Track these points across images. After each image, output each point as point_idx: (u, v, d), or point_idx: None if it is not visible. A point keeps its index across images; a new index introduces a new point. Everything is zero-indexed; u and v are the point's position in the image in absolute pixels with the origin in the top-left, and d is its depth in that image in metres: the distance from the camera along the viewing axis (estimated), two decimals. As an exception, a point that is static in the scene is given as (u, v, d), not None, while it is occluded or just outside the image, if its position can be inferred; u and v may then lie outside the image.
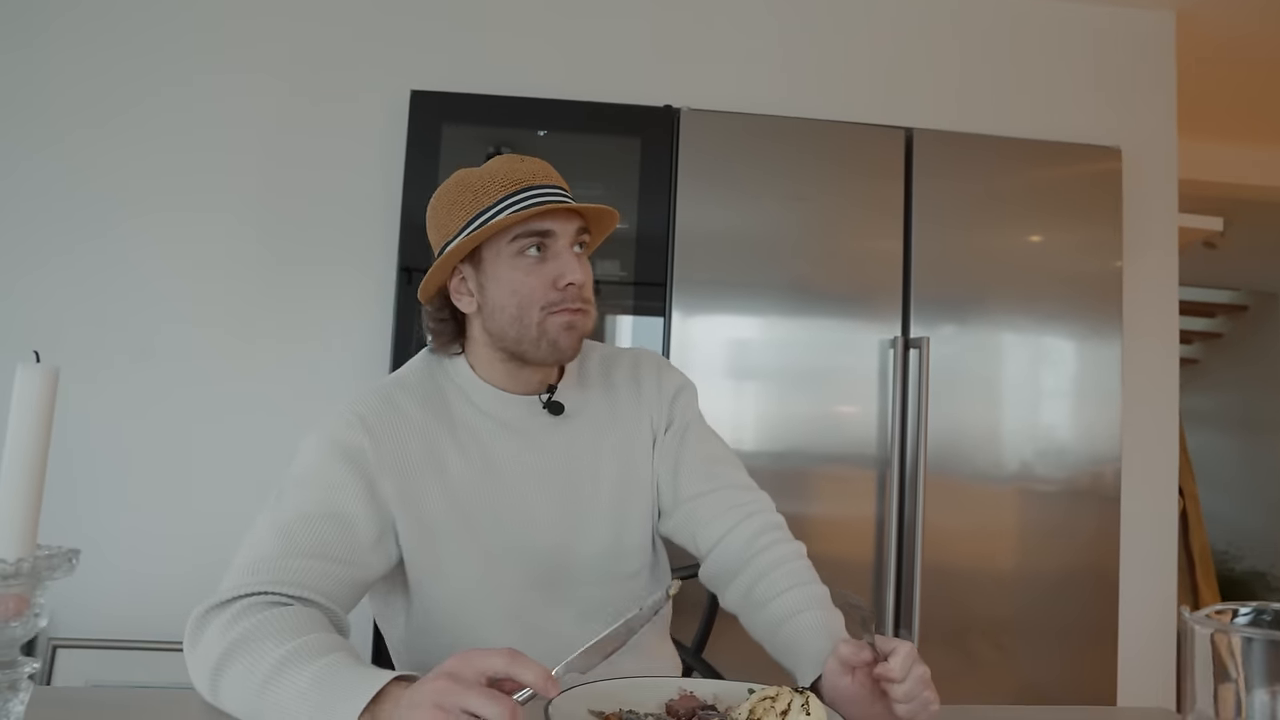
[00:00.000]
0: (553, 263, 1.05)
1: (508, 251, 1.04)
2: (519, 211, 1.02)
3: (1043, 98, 2.53)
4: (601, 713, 0.83)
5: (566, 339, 1.05)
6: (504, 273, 1.05)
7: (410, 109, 2.14)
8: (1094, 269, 2.24)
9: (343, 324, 2.27)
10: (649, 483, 1.17)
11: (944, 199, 2.21)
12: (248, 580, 0.90)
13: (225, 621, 0.86)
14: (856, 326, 2.17)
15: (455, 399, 1.11)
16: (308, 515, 0.96)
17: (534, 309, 1.04)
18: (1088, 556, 2.18)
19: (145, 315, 2.23)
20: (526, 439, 1.11)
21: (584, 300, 1.06)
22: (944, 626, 2.11)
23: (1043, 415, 2.21)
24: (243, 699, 0.82)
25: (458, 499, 1.05)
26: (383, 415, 1.05)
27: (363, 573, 0.99)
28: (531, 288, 1.04)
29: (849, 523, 2.12)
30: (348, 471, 1.00)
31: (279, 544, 0.93)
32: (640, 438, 1.17)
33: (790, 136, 2.18)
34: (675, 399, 1.21)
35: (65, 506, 2.11)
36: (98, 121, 2.25)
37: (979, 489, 2.17)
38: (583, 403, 1.16)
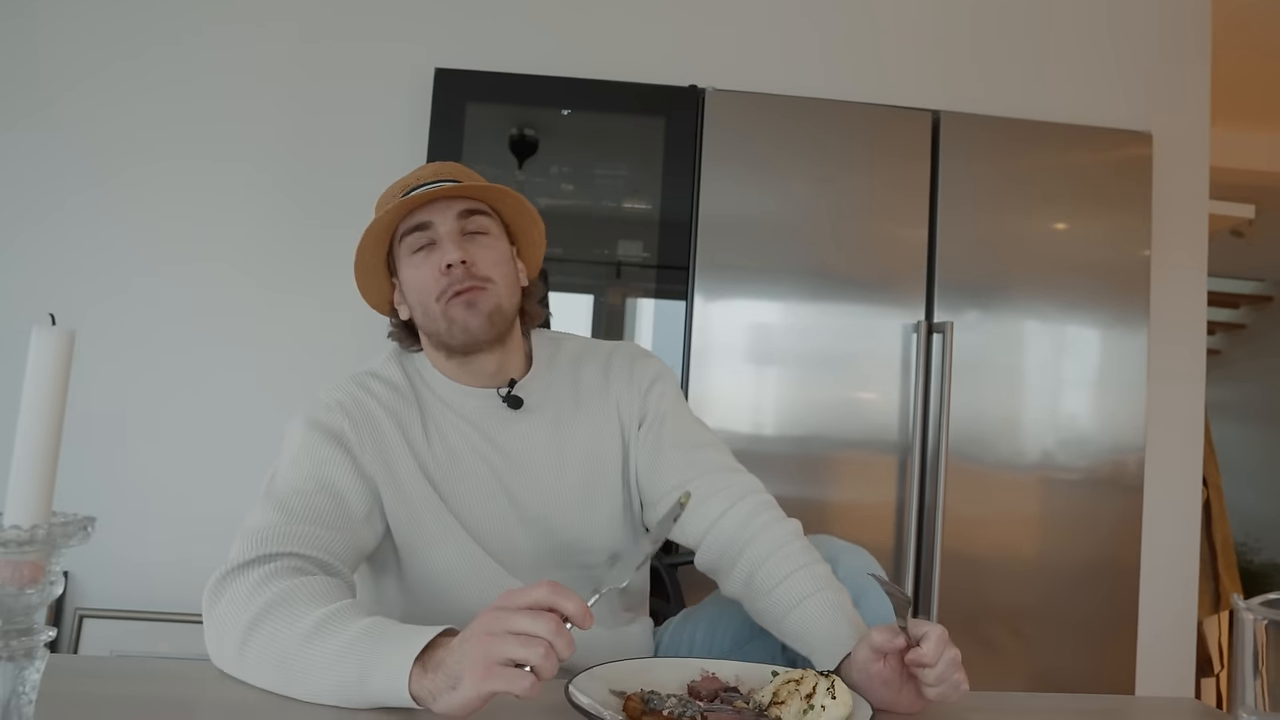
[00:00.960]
0: (437, 251, 1.07)
1: (404, 254, 1.09)
2: (391, 210, 1.05)
3: (1073, 80, 2.46)
4: (623, 693, 0.81)
5: (471, 319, 1.05)
6: (406, 274, 1.09)
7: (434, 87, 2.12)
8: (1121, 257, 2.19)
9: (361, 301, 2.24)
10: (617, 476, 1.15)
11: (971, 183, 2.16)
12: (259, 545, 0.90)
13: (253, 584, 0.85)
14: (880, 311, 2.13)
15: (422, 390, 1.13)
16: (302, 490, 0.98)
17: (430, 300, 1.06)
18: (1109, 546, 2.14)
19: (167, 287, 2.22)
20: (484, 432, 1.11)
21: (476, 278, 1.06)
22: (963, 613, 2.08)
23: (1066, 404, 2.17)
24: (276, 657, 0.80)
25: (429, 480, 1.07)
26: (358, 399, 1.07)
27: (359, 541, 1.01)
28: (423, 280, 1.07)
29: (869, 508, 2.09)
30: (333, 448, 1.02)
31: (279, 515, 0.94)
32: (607, 430, 1.16)
33: (816, 118, 2.14)
34: (649, 390, 1.18)
35: (91, 475, 2.12)
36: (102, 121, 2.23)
37: (1000, 476, 2.13)
38: (545, 396, 1.15)
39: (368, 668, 0.76)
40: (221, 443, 2.19)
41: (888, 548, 2.08)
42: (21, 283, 2.19)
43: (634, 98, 2.15)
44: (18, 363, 0.68)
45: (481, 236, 1.09)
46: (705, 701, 0.81)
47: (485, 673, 0.69)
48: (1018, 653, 2.11)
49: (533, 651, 0.69)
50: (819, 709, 0.75)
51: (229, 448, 2.18)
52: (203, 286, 2.23)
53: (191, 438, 2.19)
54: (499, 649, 0.70)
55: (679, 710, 0.74)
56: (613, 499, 1.15)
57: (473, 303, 1.05)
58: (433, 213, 1.07)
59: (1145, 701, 1.68)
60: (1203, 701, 2.49)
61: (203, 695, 0.84)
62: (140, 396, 2.19)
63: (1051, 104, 2.39)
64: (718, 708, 0.79)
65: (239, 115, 2.26)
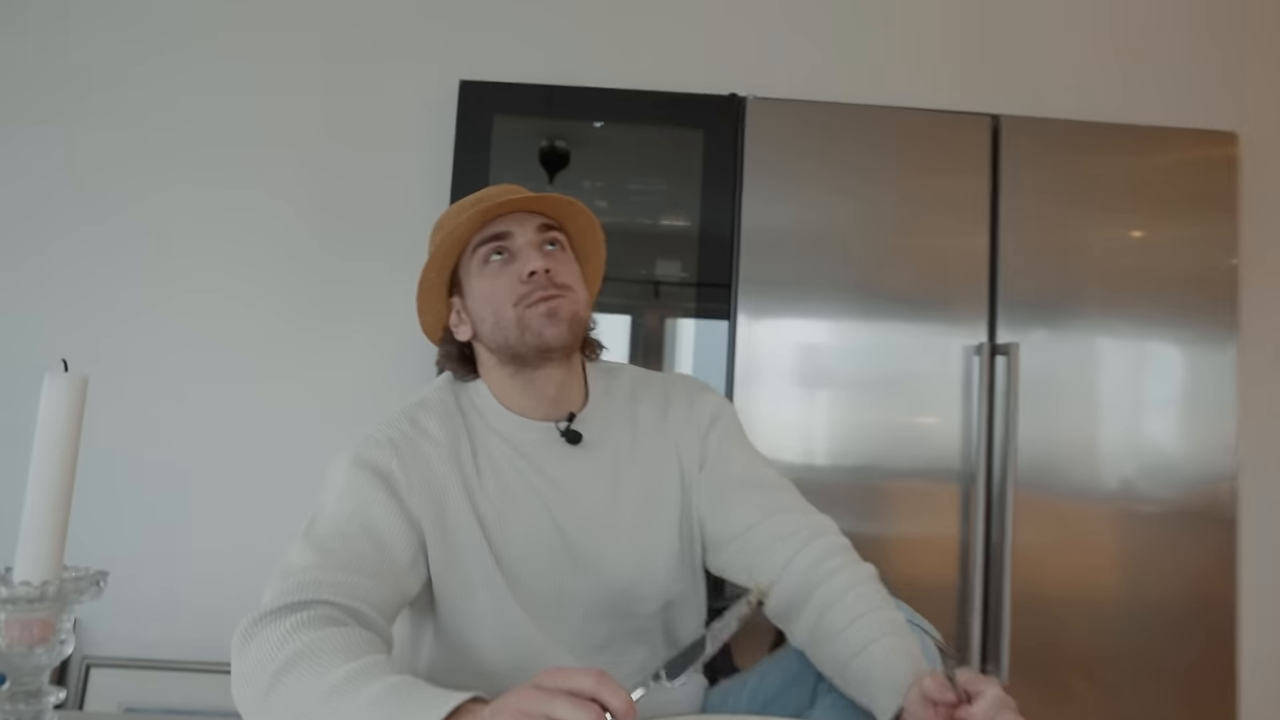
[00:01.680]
0: (518, 261, 1.09)
1: (475, 266, 1.11)
2: (467, 219, 1.07)
3: (1147, 79, 2.41)
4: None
5: (550, 327, 1.07)
6: (476, 285, 1.11)
7: (459, 100, 2.13)
8: (1205, 267, 2.13)
9: (386, 326, 2.25)
10: (674, 519, 1.15)
11: (1035, 192, 2.12)
12: (294, 590, 0.90)
13: (283, 632, 0.85)
14: (939, 331, 2.09)
15: (475, 421, 1.14)
16: (343, 532, 0.98)
17: (507, 307, 1.08)
18: (1200, 584, 2.07)
19: (179, 317, 2.25)
20: (541, 468, 1.12)
21: (558, 286, 1.08)
22: (1036, 659, 2.03)
23: (1146, 428, 2.11)
24: (299, 710, 0.80)
25: (479, 519, 1.07)
26: (408, 435, 1.09)
27: (400, 588, 1.01)
28: (499, 288, 1.09)
29: (930, 543, 2.05)
30: (378, 488, 1.03)
31: (318, 558, 0.95)
32: (665, 471, 1.16)
33: (865, 126, 2.11)
34: (709, 430, 1.19)
35: (98, 520, 2.14)
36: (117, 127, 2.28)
37: (1074, 507, 2.07)
38: (604, 433, 1.16)
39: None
40: (239, 483, 2.21)
41: (951, 586, 2.03)
42: (28, 316, 2.24)
43: (670, 108, 2.15)
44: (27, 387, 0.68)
45: (559, 251, 1.13)
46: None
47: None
48: (1099, 704, 2.04)
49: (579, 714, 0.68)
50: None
51: (246, 488, 2.20)
52: (218, 319, 2.26)
53: (208, 477, 2.22)
54: (543, 704, 0.69)
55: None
56: (669, 542, 1.14)
57: (554, 311, 1.07)
58: (511, 223, 1.10)
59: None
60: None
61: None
62: (153, 435, 2.22)
63: (1123, 104, 2.35)
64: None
65: (256, 138, 2.29)
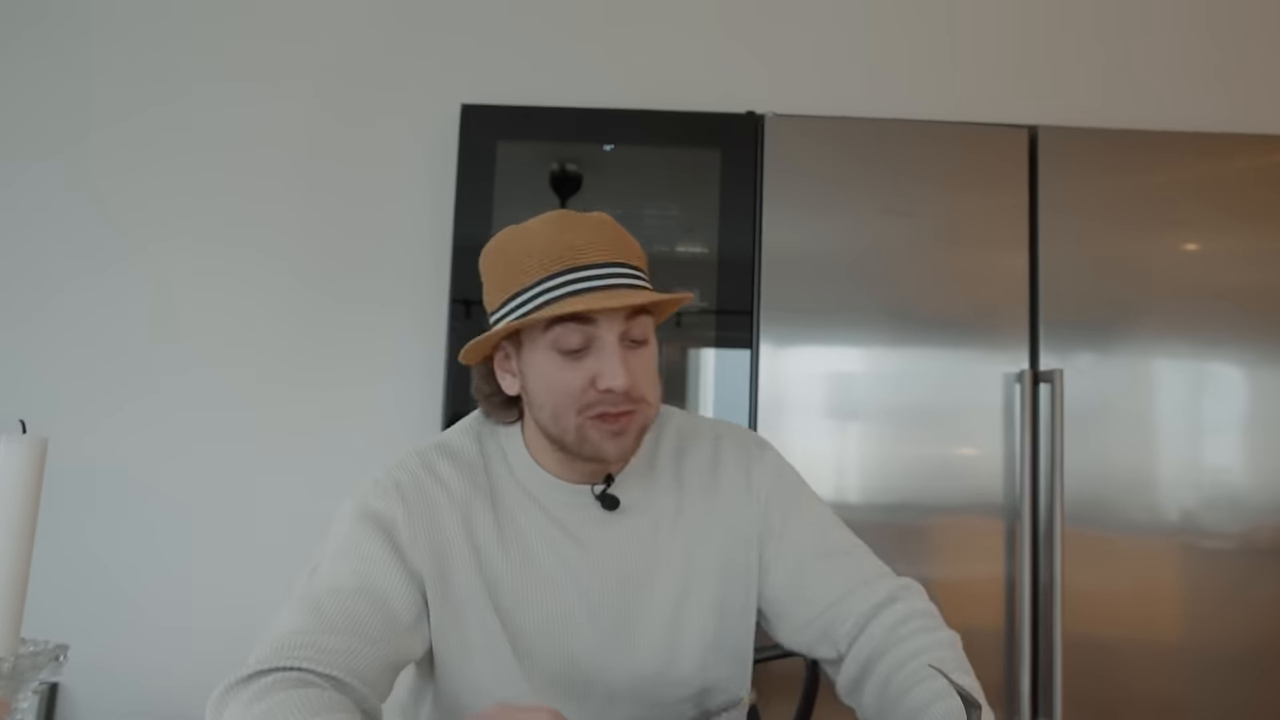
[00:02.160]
0: (594, 358, 0.97)
1: (543, 341, 0.98)
2: (556, 300, 0.95)
3: (1195, 79, 2.36)
4: None
5: (612, 446, 0.99)
6: (539, 365, 0.99)
7: (461, 125, 2.12)
8: (1266, 280, 2.07)
9: (389, 364, 2.25)
10: (716, 599, 1.08)
11: (1077, 206, 2.07)
12: (275, 655, 0.87)
13: (247, 699, 0.83)
14: (977, 357, 2.04)
15: (501, 475, 1.08)
16: (340, 590, 0.95)
17: (569, 411, 0.98)
18: (1272, 626, 2.00)
19: (161, 360, 2.24)
20: (572, 535, 1.05)
21: (632, 401, 0.98)
22: (1093, 709, 1.96)
23: (1207, 455, 2.05)
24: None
25: (490, 586, 1.03)
26: (420, 483, 1.04)
27: (398, 653, 0.97)
28: (566, 387, 0.97)
29: (973, 585, 2.00)
30: (381, 544, 0.99)
31: (310, 620, 0.92)
32: (712, 544, 1.09)
33: (892, 141, 2.08)
34: (770, 501, 1.11)
35: (80, 578, 2.14)
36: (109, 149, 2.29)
37: (1130, 543, 2.01)
38: (645, 495, 1.09)
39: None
40: (224, 542, 2.19)
41: (998, 631, 1.98)
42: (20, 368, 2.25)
43: (684, 128, 2.13)
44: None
45: (642, 347, 1.01)
46: None
47: None
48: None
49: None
50: None
51: (232, 547, 2.19)
52: (202, 369, 2.24)
53: (193, 536, 2.19)
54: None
55: None
56: (708, 622, 1.07)
57: (621, 430, 0.98)
58: (597, 310, 0.96)
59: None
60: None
61: None
62: (133, 493, 2.20)
63: (1171, 110, 2.31)
64: None
65: (247, 173, 2.29)
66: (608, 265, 0.97)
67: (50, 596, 2.10)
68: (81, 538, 2.18)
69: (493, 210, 2.10)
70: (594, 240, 0.98)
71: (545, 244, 0.97)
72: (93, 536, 2.18)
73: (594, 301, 0.93)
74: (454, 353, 2.10)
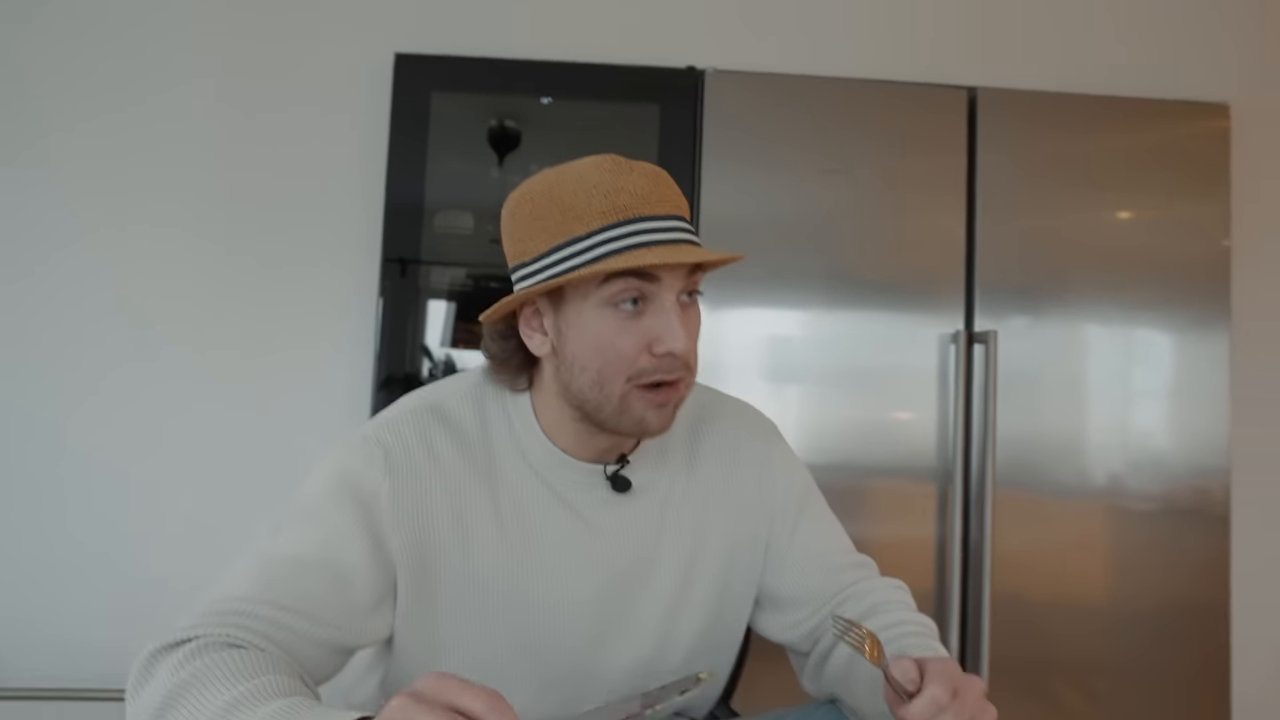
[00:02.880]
0: (651, 319, 0.88)
1: (596, 297, 0.88)
2: (620, 253, 0.85)
3: (1133, 45, 2.33)
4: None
5: (655, 419, 0.90)
6: (588, 323, 0.89)
7: (395, 75, 2.04)
8: (1196, 249, 2.08)
9: (321, 325, 2.15)
10: (715, 587, 1.03)
11: (1014, 170, 2.06)
12: (210, 621, 0.79)
13: (175, 662, 0.75)
14: (913, 320, 2.03)
15: (505, 448, 0.97)
16: (300, 560, 0.86)
17: (619, 378, 0.88)
18: (1192, 586, 2.03)
19: (90, 337, 2.13)
20: (579, 515, 0.97)
21: (685, 369, 0.90)
22: (1019, 667, 1.98)
23: (1134, 420, 2.07)
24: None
25: (477, 574, 0.93)
26: (411, 455, 0.92)
27: (351, 638, 0.88)
28: (620, 350, 0.88)
29: (905, 545, 2.00)
30: (354, 518, 0.89)
31: (258, 588, 0.83)
32: (718, 537, 1.03)
33: (832, 101, 2.04)
34: (784, 501, 1.06)
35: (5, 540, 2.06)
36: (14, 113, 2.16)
37: (1058, 505, 2.03)
38: (655, 474, 1.01)
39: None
40: (152, 495, 2.10)
41: (928, 590, 1.99)
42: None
43: (623, 82, 2.07)
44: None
45: (691, 309, 0.92)
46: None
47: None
48: (1085, 713, 2.00)
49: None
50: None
51: (160, 500, 2.10)
52: (137, 332, 2.14)
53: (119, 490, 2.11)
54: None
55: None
56: (705, 609, 1.02)
57: (666, 402, 0.90)
58: (664, 266, 0.87)
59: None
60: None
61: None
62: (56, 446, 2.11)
63: (1108, 75, 2.28)
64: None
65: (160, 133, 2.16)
66: (671, 218, 0.88)
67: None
68: (12, 505, 2.09)
69: (426, 165, 2.02)
70: (658, 190, 0.89)
71: (606, 189, 0.87)
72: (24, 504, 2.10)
73: (668, 255, 0.84)
74: (387, 312, 2.01)
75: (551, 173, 0.91)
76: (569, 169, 0.90)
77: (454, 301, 2.05)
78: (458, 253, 2.05)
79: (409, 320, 2.02)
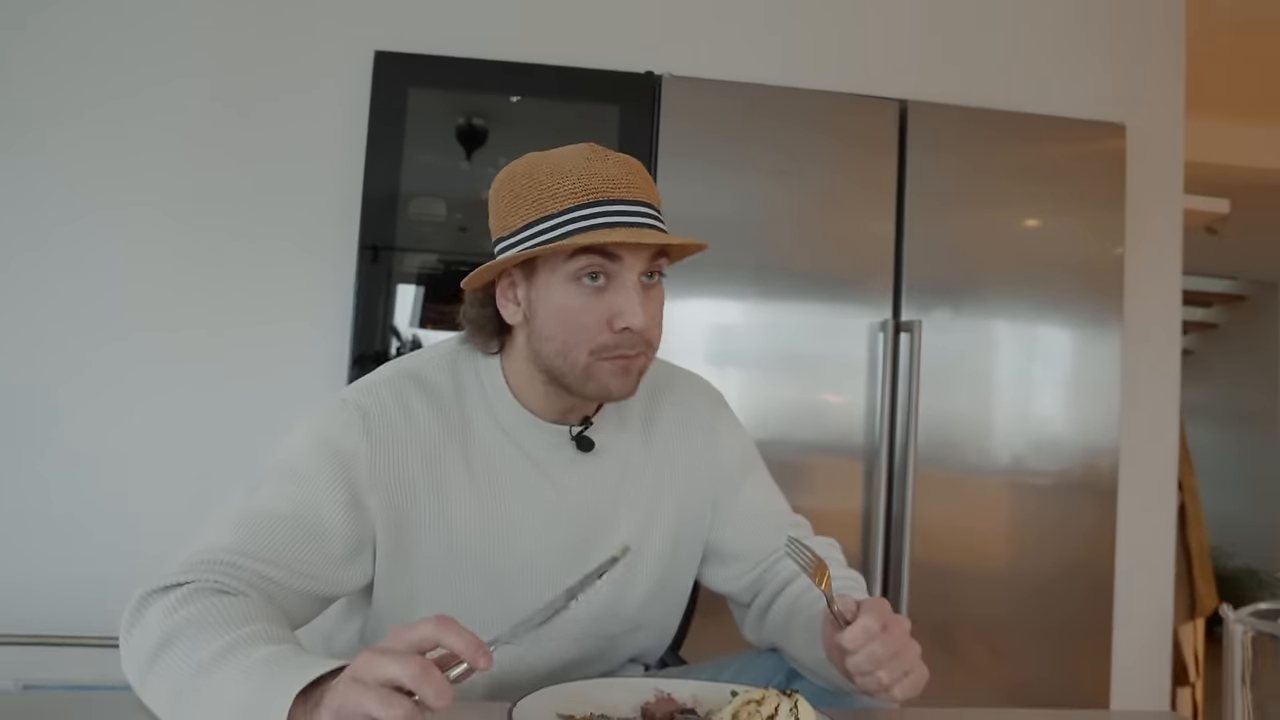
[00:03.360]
0: (613, 295, 0.92)
1: (563, 271, 0.92)
2: (586, 231, 0.89)
3: (1045, 70, 2.47)
4: (571, 716, 0.80)
5: (619, 385, 0.95)
6: (555, 296, 0.93)
7: (374, 71, 2.08)
8: (1095, 255, 2.22)
9: (300, 307, 2.19)
10: (667, 543, 1.08)
11: (939, 177, 2.18)
12: (199, 568, 0.83)
13: (169, 606, 0.79)
14: (846, 310, 2.14)
15: (477, 410, 1.01)
16: (279, 515, 0.89)
17: (582, 349, 0.93)
18: (1083, 552, 2.17)
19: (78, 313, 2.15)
20: (545, 473, 1.02)
21: (645, 344, 0.95)
22: (933, 625, 2.09)
23: (1037, 406, 2.20)
24: (173, 686, 0.75)
25: (451, 528, 0.98)
26: (389, 417, 0.96)
27: (327, 588, 0.92)
28: (582, 324, 0.93)
29: (835, 516, 2.10)
30: (333, 476, 0.92)
31: (239, 538, 0.87)
32: (671, 490, 1.09)
33: (778, 107, 2.14)
34: (731, 463, 1.13)
35: None
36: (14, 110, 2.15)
37: (970, 481, 2.15)
38: (616, 436, 1.06)
39: (251, 702, 0.69)
40: (145, 452, 2.13)
41: (854, 556, 2.09)
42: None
43: (586, 84, 2.14)
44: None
45: (655, 289, 0.96)
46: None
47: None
48: (989, 665, 2.13)
49: (391, 713, 0.63)
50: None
51: (152, 457, 2.13)
52: (129, 301, 2.16)
53: (111, 446, 2.13)
54: (356, 701, 0.64)
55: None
56: (658, 563, 1.07)
57: (628, 370, 0.95)
58: (626, 248, 0.92)
59: (1121, 716, 1.70)
60: (1179, 713, 2.54)
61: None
62: (52, 399, 2.12)
63: (1024, 94, 2.40)
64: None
65: (157, 118, 2.17)
66: (639, 204, 0.93)
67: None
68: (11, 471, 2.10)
69: (401, 156, 2.07)
70: (629, 177, 0.93)
71: (579, 173, 0.91)
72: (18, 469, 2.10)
73: (629, 235, 0.89)
74: (363, 297, 2.06)
75: (534, 156, 0.96)
76: (550, 154, 0.95)
77: (424, 285, 2.11)
78: (430, 239, 2.11)
79: (379, 302, 2.08)
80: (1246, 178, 3.50)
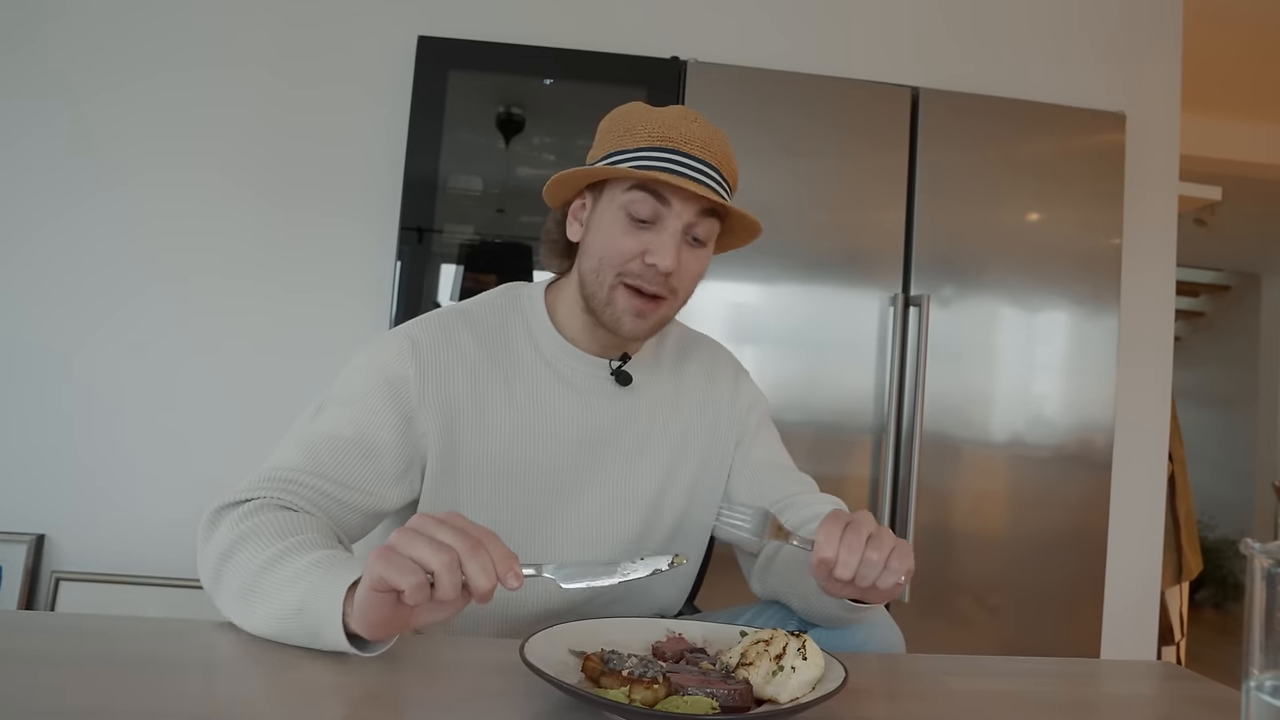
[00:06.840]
0: (653, 235, 0.93)
1: (620, 200, 0.93)
2: (645, 166, 0.91)
3: (1050, 58, 2.36)
4: (583, 652, 0.73)
5: (630, 322, 0.95)
6: (607, 220, 0.94)
7: (417, 55, 2.02)
8: (1093, 245, 2.14)
9: (339, 283, 2.13)
10: (689, 484, 1.06)
11: (948, 164, 2.09)
12: (264, 485, 0.84)
13: (237, 518, 0.80)
14: (857, 291, 2.06)
15: (520, 341, 1.00)
16: (338, 437, 0.89)
17: (610, 270, 0.94)
18: (1077, 519, 2.10)
19: (138, 269, 2.10)
20: (583, 400, 1.00)
21: (668, 288, 0.94)
22: (935, 586, 2.04)
23: (1036, 385, 2.12)
24: (239, 588, 0.75)
25: (493, 444, 0.96)
26: (436, 345, 0.95)
27: (380, 503, 0.91)
28: (618, 248, 0.93)
29: (845, 483, 2.03)
30: (387, 400, 0.92)
31: (303, 459, 0.87)
32: (697, 435, 1.07)
33: (796, 93, 2.05)
34: (749, 414, 1.12)
35: (70, 444, 2.02)
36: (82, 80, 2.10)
37: (972, 453, 2.08)
38: (649, 379, 1.06)
39: (307, 597, 0.69)
40: (212, 398, 2.09)
41: None
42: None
43: (615, 68, 2.06)
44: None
45: (700, 249, 0.96)
46: (670, 662, 0.73)
47: (381, 557, 0.63)
48: (988, 625, 2.06)
49: (438, 558, 0.62)
50: (789, 670, 0.67)
51: (220, 403, 2.09)
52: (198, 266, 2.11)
53: (180, 393, 2.09)
54: (405, 544, 0.63)
55: (640, 670, 0.66)
56: (682, 499, 1.06)
57: (644, 312, 0.94)
58: (676, 196, 0.92)
59: (1114, 664, 1.63)
60: (1166, 661, 2.46)
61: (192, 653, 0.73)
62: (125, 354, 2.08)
63: (1030, 83, 2.31)
64: (682, 669, 0.71)
65: (211, 99, 2.12)
66: (707, 165, 0.93)
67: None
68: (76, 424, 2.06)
69: (442, 136, 2.00)
70: (707, 142, 0.93)
71: (663, 123, 0.93)
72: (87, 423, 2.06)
73: (681, 182, 0.89)
74: (404, 275, 2.00)
75: (638, 104, 0.99)
76: (652, 107, 0.97)
77: (462, 264, 2.04)
78: (468, 214, 2.05)
79: (424, 280, 2.02)
80: (1236, 171, 3.35)
